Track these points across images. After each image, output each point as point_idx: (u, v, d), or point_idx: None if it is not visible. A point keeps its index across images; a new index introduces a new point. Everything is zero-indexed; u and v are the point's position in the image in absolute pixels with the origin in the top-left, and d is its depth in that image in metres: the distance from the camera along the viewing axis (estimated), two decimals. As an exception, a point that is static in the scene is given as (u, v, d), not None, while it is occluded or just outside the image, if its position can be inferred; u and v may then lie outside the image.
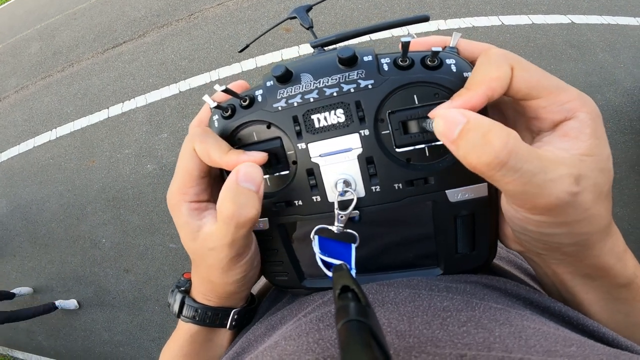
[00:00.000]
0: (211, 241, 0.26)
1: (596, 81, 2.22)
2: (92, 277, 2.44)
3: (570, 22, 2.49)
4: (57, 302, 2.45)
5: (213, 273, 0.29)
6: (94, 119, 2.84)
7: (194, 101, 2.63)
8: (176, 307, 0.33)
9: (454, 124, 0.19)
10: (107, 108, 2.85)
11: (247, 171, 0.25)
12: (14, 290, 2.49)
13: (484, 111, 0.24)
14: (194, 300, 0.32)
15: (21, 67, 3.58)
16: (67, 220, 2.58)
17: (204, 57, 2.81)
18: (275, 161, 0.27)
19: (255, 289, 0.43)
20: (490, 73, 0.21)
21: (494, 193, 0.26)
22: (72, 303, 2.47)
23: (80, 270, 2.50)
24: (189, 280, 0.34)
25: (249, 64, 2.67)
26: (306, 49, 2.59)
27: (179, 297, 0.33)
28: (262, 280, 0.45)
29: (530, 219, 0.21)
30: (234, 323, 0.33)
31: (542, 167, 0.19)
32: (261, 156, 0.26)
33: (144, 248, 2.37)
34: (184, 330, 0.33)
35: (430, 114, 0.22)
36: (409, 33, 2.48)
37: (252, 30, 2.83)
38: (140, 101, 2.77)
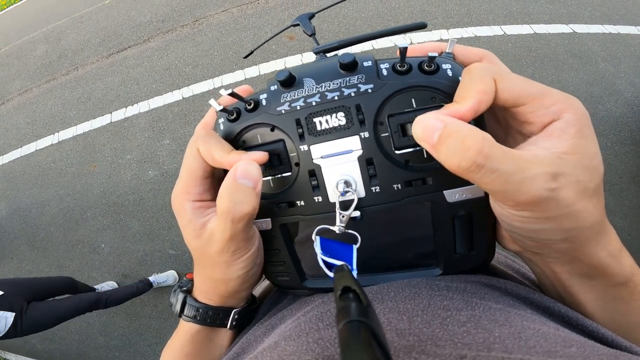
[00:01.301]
0: (213, 236, 0.27)
1: (597, 91, 2.22)
2: (90, 282, 2.42)
3: (572, 31, 2.50)
4: (152, 278, 2.19)
5: (216, 269, 0.29)
6: (97, 123, 2.85)
7: (197, 108, 2.63)
8: (178, 307, 0.33)
9: (432, 129, 0.21)
10: (110, 113, 2.86)
11: (244, 168, 0.25)
12: (97, 286, 2.23)
13: (480, 118, 0.25)
14: (196, 300, 0.33)
15: (26, 70, 3.62)
16: (67, 224, 2.58)
17: (208, 63, 2.83)
18: (278, 163, 0.28)
19: (257, 291, 0.43)
20: (476, 87, 0.22)
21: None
22: (170, 275, 2.24)
23: (78, 275, 2.48)
24: (191, 281, 0.35)
25: (252, 72, 2.68)
26: (309, 57, 2.61)
27: (180, 296, 0.34)
28: (264, 283, 0.45)
29: (515, 215, 0.22)
30: (234, 323, 0.33)
31: (519, 167, 0.20)
32: (262, 155, 0.27)
33: (143, 254, 2.36)
34: (185, 330, 0.34)
35: (416, 120, 0.23)
36: (411, 42, 2.50)
37: (256, 37, 2.85)
38: (143, 107, 2.79)
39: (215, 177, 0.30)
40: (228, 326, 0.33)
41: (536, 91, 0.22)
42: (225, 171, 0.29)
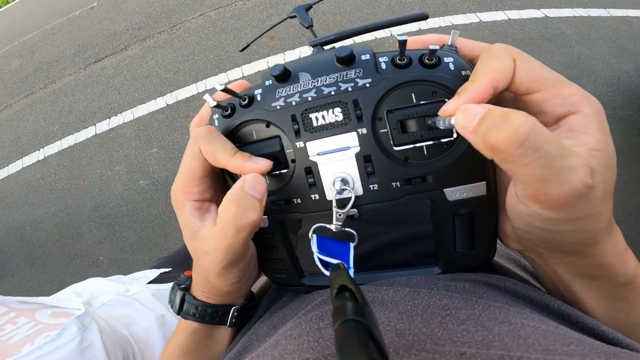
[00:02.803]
0: (207, 244, 0.27)
1: (575, 73, 2.28)
2: (92, 295, 2.44)
3: (544, 16, 2.55)
4: None
5: (210, 274, 0.29)
6: (81, 136, 2.80)
7: (183, 114, 2.62)
8: (177, 305, 0.33)
9: (474, 114, 0.19)
10: (94, 125, 2.82)
11: (252, 179, 0.25)
12: None
13: None
14: (194, 298, 0.33)
15: (3, 86, 3.52)
16: (63, 239, 2.56)
17: (189, 68, 2.81)
18: (274, 159, 0.28)
19: (255, 288, 0.43)
20: (493, 65, 0.21)
21: (493, 192, 0.26)
22: None
23: (80, 289, 2.50)
24: (190, 278, 0.35)
25: (235, 74, 2.67)
26: (291, 56, 2.61)
27: (179, 294, 0.34)
28: (263, 279, 0.45)
29: (539, 215, 0.21)
30: (234, 320, 0.34)
31: (562, 152, 0.18)
32: (266, 164, 0.27)
33: (142, 264, 2.37)
34: (184, 328, 0.34)
35: (440, 112, 0.23)
36: (391, 34, 2.52)
37: (237, 39, 2.84)
38: (127, 116, 2.75)
39: (215, 174, 0.29)
40: (227, 324, 0.33)
41: (555, 78, 0.21)
42: (224, 169, 0.29)
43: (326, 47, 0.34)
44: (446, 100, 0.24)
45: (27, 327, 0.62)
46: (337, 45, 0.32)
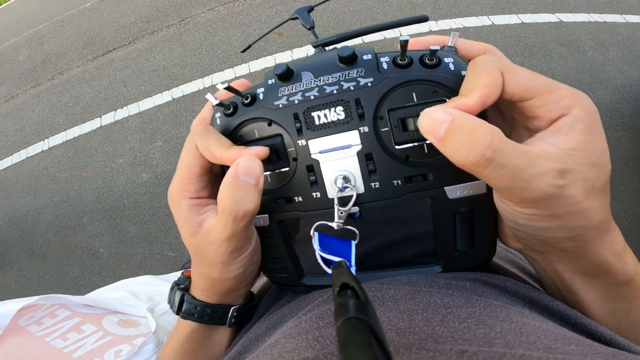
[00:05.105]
0: (212, 235, 0.27)
1: (587, 79, 2.24)
2: (92, 287, 2.41)
3: (559, 20, 2.51)
4: None
5: (213, 268, 0.29)
6: (86, 128, 2.81)
7: (188, 108, 2.62)
8: (176, 305, 0.33)
9: (440, 122, 0.20)
10: (100, 117, 2.82)
11: (246, 164, 0.25)
12: None
13: (483, 113, 0.24)
14: (194, 298, 0.33)
15: (10, 76, 3.54)
16: (64, 230, 2.56)
17: (197, 63, 2.80)
18: (276, 158, 0.28)
19: (255, 288, 0.43)
20: (482, 80, 0.21)
21: (493, 190, 0.26)
22: None
23: (80, 280, 2.49)
24: (189, 278, 0.35)
25: (241, 70, 2.66)
26: (299, 53, 2.59)
27: (178, 294, 0.33)
28: (262, 280, 0.45)
29: (520, 213, 0.22)
30: (233, 320, 0.34)
31: (528, 162, 0.19)
32: (262, 150, 0.27)
33: (143, 257, 2.37)
34: (184, 328, 0.34)
35: (422, 113, 0.23)
36: (400, 34, 2.49)
37: (245, 34, 2.83)
38: (133, 109, 2.76)
39: (213, 173, 0.30)
40: (227, 324, 0.33)
41: (544, 85, 0.22)
42: (223, 167, 0.30)
43: (328, 48, 0.36)
44: (446, 99, 0.24)
45: (95, 337, 0.57)
46: (339, 45, 0.33)
